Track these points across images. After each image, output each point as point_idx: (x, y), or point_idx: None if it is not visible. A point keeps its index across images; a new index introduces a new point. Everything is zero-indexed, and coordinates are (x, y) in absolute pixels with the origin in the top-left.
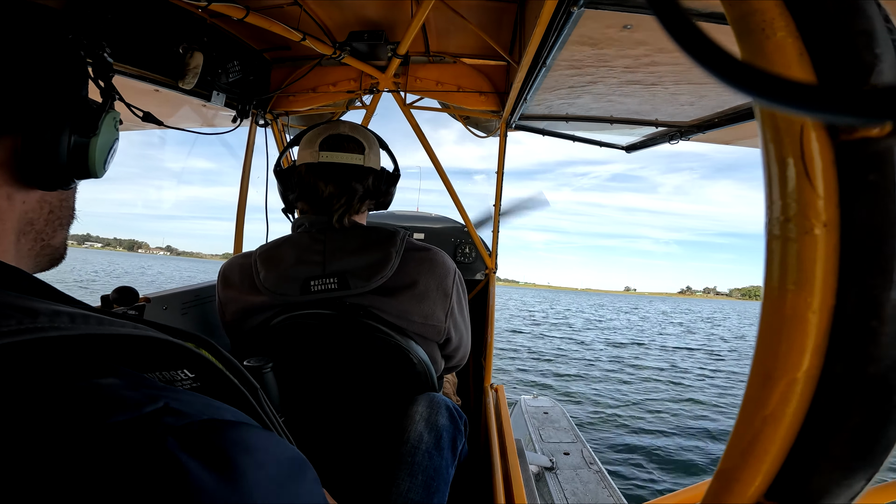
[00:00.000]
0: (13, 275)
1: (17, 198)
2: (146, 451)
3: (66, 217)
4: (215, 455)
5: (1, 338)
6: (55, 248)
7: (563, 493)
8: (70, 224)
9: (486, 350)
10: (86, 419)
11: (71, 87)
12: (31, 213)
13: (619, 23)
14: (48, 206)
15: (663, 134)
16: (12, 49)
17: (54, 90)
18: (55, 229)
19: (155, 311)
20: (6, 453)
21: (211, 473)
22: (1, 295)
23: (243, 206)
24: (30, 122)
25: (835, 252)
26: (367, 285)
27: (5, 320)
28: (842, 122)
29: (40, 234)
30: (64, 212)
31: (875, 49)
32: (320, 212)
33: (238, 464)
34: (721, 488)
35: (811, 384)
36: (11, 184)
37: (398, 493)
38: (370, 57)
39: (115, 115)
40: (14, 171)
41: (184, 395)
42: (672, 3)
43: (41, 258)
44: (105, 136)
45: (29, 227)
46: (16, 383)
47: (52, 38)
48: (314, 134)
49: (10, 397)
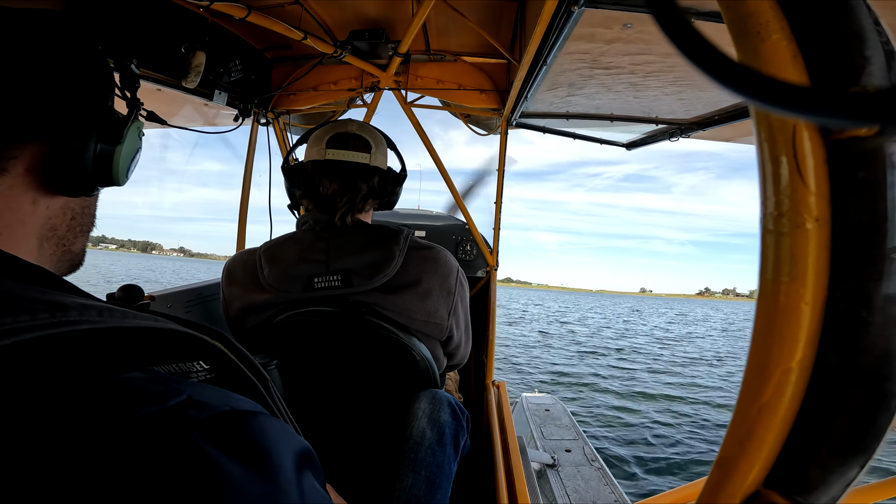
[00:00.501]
0: (36, 273)
1: (41, 203)
2: (173, 444)
3: (87, 224)
4: (239, 445)
5: (34, 331)
6: (75, 254)
7: (565, 490)
8: (90, 231)
9: (487, 347)
10: (115, 412)
11: (98, 96)
12: (55, 218)
13: (619, 21)
14: (70, 213)
15: (663, 131)
16: (43, 57)
17: (82, 98)
18: (76, 235)
19: (159, 308)
20: (39, 445)
21: (236, 463)
22: (28, 290)
23: (245, 204)
24: (58, 128)
25: (826, 246)
26: (371, 283)
27: (36, 314)
28: (832, 124)
29: (62, 239)
30: (85, 218)
31: (865, 52)
32: (324, 209)
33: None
34: (721, 477)
35: (805, 374)
36: (37, 189)
37: (401, 489)
38: (371, 55)
39: (139, 126)
40: (41, 176)
41: (202, 388)
42: (669, 3)
43: (62, 263)
44: (129, 145)
45: (52, 232)
46: (48, 375)
47: (82, 48)
48: (322, 132)
49: (43, 388)
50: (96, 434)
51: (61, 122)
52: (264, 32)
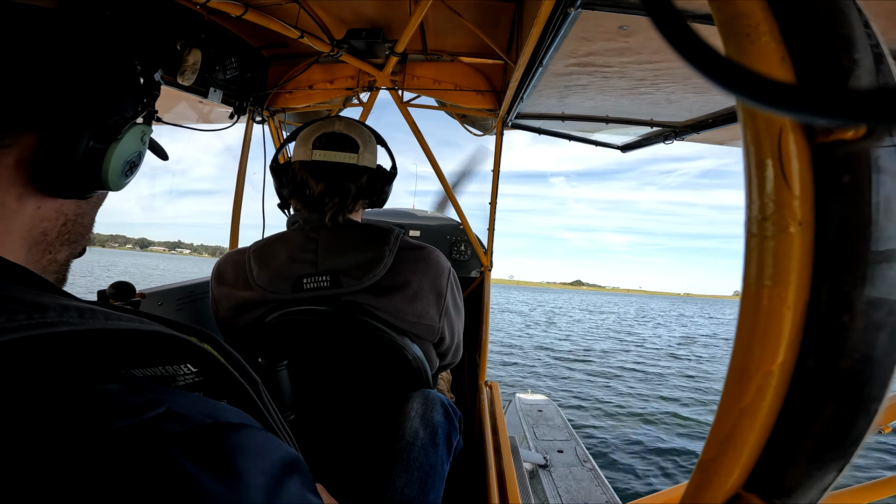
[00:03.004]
0: (17, 272)
1: (29, 202)
2: (150, 459)
3: (77, 234)
4: (219, 460)
5: (9, 333)
6: (59, 265)
7: (557, 491)
8: (78, 244)
9: (480, 347)
10: (89, 424)
11: (106, 94)
12: (47, 222)
13: (615, 24)
14: (63, 218)
15: (658, 134)
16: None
17: (85, 93)
18: (62, 244)
19: (150, 306)
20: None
21: (213, 478)
22: (7, 290)
23: (239, 202)
24: (51, 120)
25: (809, 250)
26: (359, 284)
27: (14, 315)
28: (818, 122)
29: (50, 246)
30: (76, 228)
31: (854, 54)
32: (313, 209)
33: (238, 467)
34: (702, 480)
35: (786, 377)
36: (25, 185)
37: (394, 490)
38: (368, 55)
39: (143, 129)
40: (30, 172)
41: (185, 398)
42: (664, 2)
43: (48, 275)
44: (126, 145)
45: (42, 237)
46: (22, 380)
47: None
48: (309, 131)
49: (16, 395)
50: (69, 446)
51: (54, 113)
52: (261, 30)
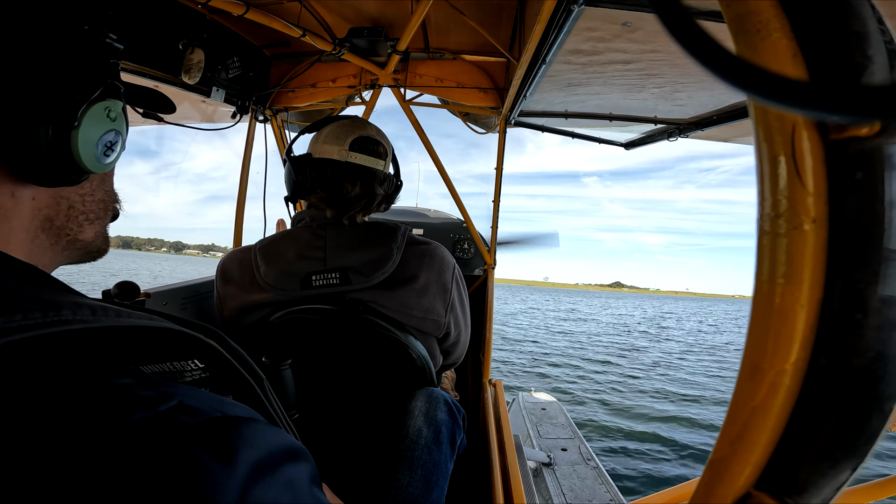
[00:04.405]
0: (26, 270)
1: (23, 195)
2: (166, 450)
3: (95, 212)
4: (227, 451)
5: (25, 331)
6: (88, 242)
7: (561, 489)
8: (103, 219)
9: (484, 345)
10: (106, 417)
11: (48, 74)
12: (48, 209)
13: (618, 20)
14: (66, 202)
15: (662, 131)
16: None
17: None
18: (81, 224)
19: (155, 306)
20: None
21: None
22: (21, 288)
23: (243, 200)
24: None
25: (823, 247)
26: (369, 280)
27: (30, 313)
28: (831, 119)
29: (63, 229)
30: (89, 206)
31: (867, 51)
32: (340, 210)
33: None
34: (713, 478)
35: (798, 376)
36: (13, 180)
37: (398, 488)
38: (370, 53)
39: (106, 105)
40: (10, 167)
41: (194, 392)
42: (672, 1)
43: (70, 252)
44: (89, 128)
45: (48, 223)
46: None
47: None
48: (340, 129)
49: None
50: (87, 439)
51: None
52: (263, 29)
